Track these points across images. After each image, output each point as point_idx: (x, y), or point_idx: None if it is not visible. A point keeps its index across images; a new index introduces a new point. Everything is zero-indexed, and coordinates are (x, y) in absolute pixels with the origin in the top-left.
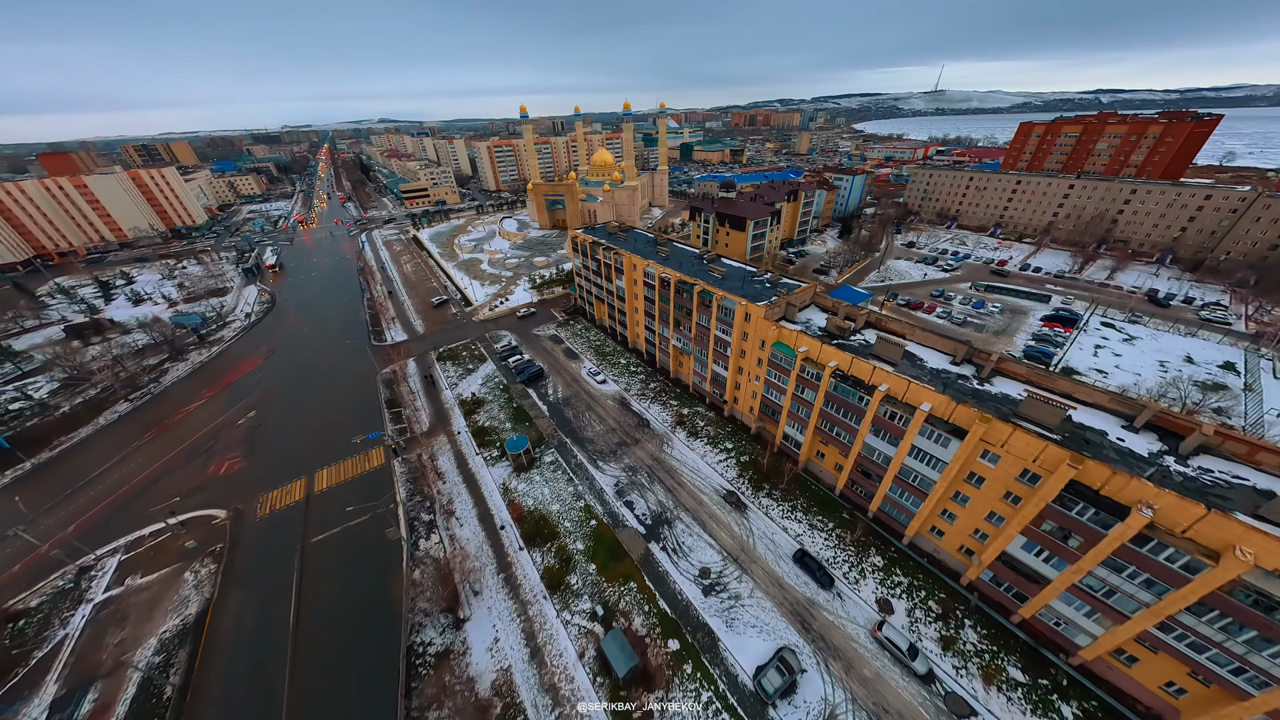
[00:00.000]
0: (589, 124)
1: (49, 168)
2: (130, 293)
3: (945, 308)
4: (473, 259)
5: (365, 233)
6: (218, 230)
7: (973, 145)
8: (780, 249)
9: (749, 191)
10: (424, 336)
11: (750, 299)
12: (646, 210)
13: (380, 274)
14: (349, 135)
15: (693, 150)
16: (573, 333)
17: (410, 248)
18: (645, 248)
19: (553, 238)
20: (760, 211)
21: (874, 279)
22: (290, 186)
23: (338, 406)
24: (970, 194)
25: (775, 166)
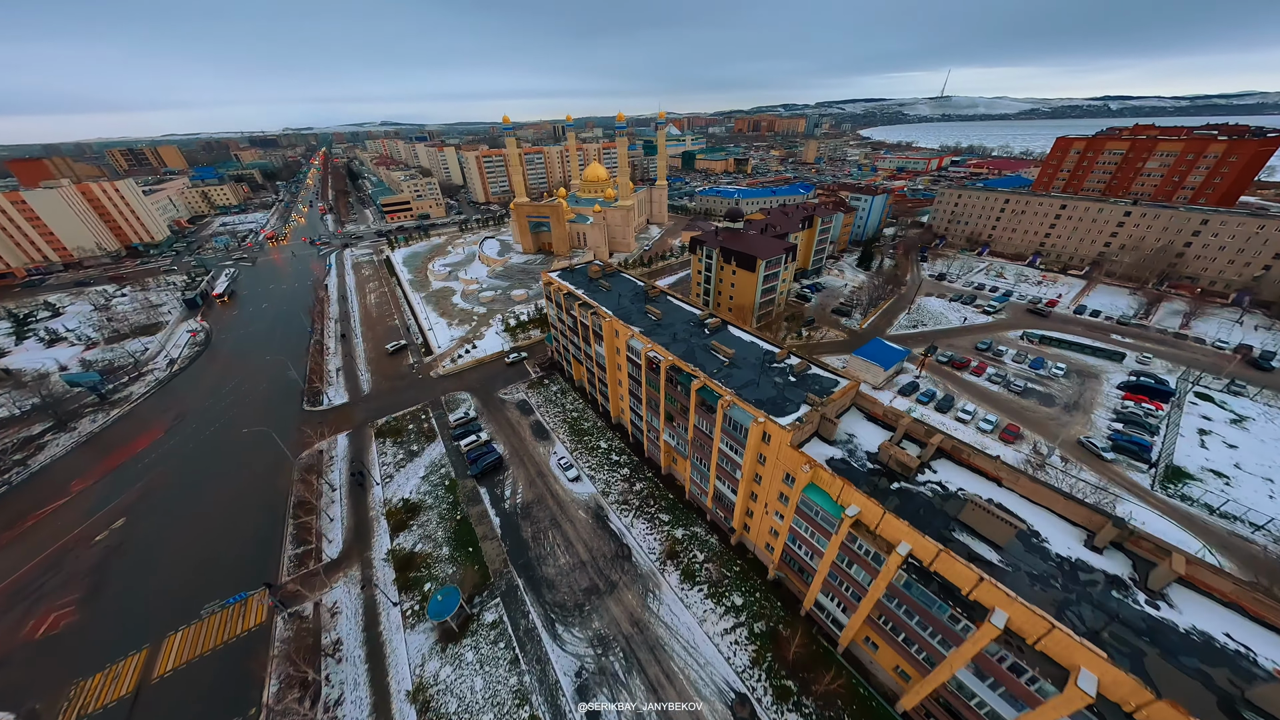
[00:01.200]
0: (590, 128)
1: (20, 176)
2: (46, 331)
3: (997, 367)
4: (445, 289)
5: (337, 251)
6: (179, 248)
7: (988, 155)
8: (793, 279)
9: (758, 219)
10: (368, 398)
11: (770, 407)
12: (644, 229)
13: (339, 306)
14: (347, 139)
15: (695, 159)
16: (546, 397)
17: (380, 272)
18: (632, 303)
19: (536, 264)
20: (773, 248)
21: (904, 323)
22: (274, 195)
23: (234, 514)
24: (1006, 218)
25: (782, 178)
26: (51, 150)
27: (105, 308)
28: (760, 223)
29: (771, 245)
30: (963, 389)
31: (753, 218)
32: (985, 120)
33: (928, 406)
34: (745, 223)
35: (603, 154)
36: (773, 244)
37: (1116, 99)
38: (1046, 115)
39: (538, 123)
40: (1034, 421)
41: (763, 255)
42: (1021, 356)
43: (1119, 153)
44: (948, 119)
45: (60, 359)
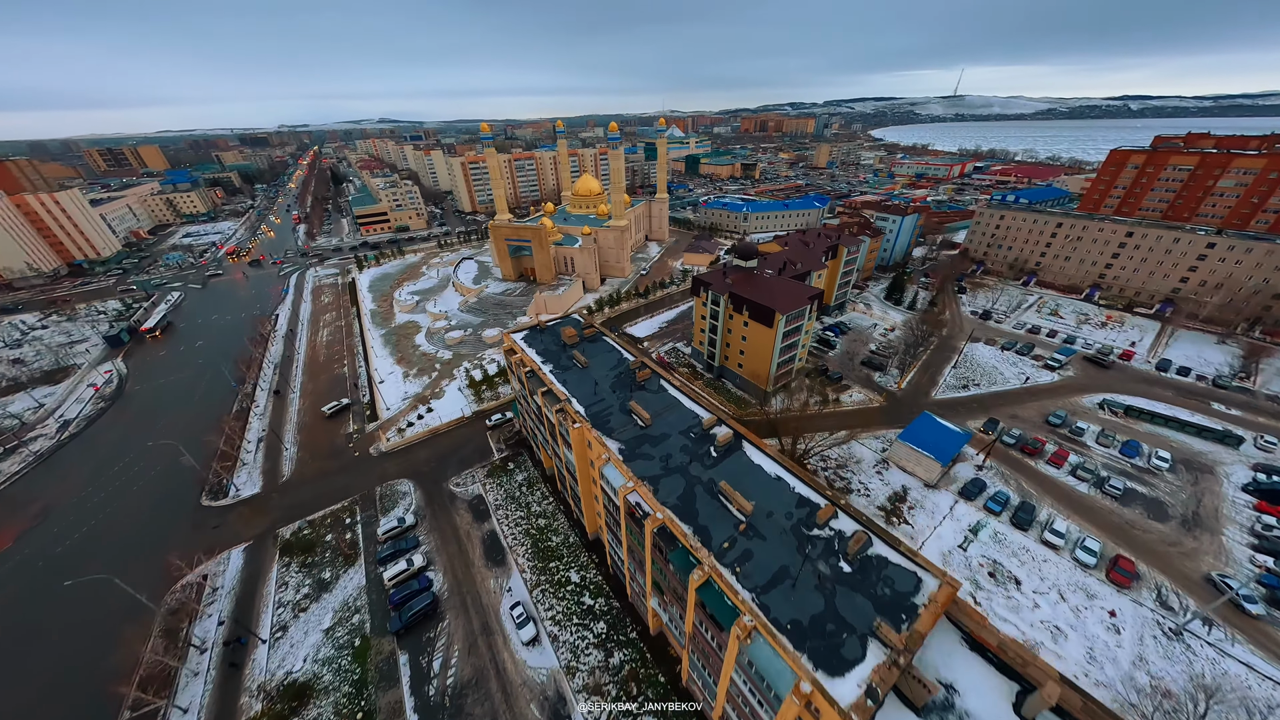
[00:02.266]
0: (590, 127)
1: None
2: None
3: (1079, 453)
4: (409, 324)
5: (301, 271)
6: (129, 264)
7: (1011, 160)
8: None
9: (773, 251)
10: (287, 486)
11: (817, 642)
12: (641, 246)
13: (284, 343)
14: (341, 137)
15: (699, 163)
16: (508, 491)
17: (341, 299)
18: (614, 391)
19: (515, 296)
20: (794, 297)
21: (951, 381)
22: (250, 201)
23: (49, 701)
24: (1059, 244)
25: (792, 185)
26: (38, 148)
27: (19, 343)
28: (777, 256)
29: (792, 293)
30: (1041, 487)
31: (767, 249)
32: (1001, 120)
33: (1000, 518)
34: (761, 258)
35: (599, 160)
36: (794, 291)
37: (1136, 98)
38: (1064, 115)
39: (537, 121)
40: (1146, 547)
41: (783, 309)
42: (1109, 437)
43: (1186, 168)
44: (961, 119)
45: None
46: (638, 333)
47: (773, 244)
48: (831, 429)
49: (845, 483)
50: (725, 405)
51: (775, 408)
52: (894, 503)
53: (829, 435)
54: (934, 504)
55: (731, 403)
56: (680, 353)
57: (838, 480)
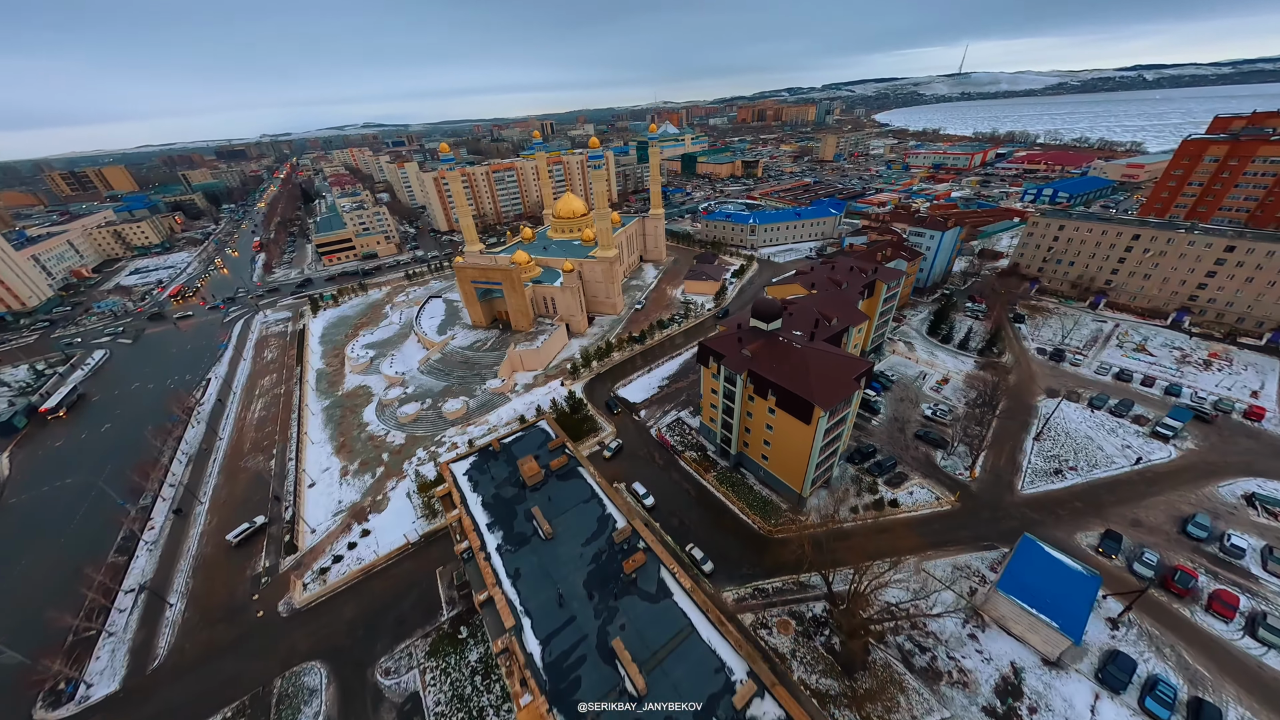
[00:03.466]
0: (580, 123)
1: None
2: None
3: (1252, 592)
4: (360, 390)
5: (249, 315)
6: (57, 315)
7: (1032, 143)
8: None
9: (798, 295)
10: (155, 679)
11: None
12: (636, 269)
13: (207, 423)
14: (322, 145)
15: (696, 162)
16: (454, 686)
17: (288, 355)
18: (590, 598)
19: (486, 348)
20: (837, 382)
21: (1038, 464)
22: (214, 224)
23: None
24: (1134, 259)
25: (800, 184)
26: (9, 171)
27: None
28: (804, 307)
29: (834, 374)
30: (1214, 662)
31: (788, 290)
32: (1010, 98)
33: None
34: (785, 311)
35: (585, 169)
36: (835, 371)
37: (1150, 68)
38: (1076, 89)
39: (524, 120)
40: None
41: (824, 401)
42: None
43: (1278, 160)
44: (968, 98)
45: None
46: (632, 395)
47: (794, 284)
48: (892, 552)
49: (929, 657)
50: (750, 514)
51: (814, 515)
52: (1005, 699)
53: (890, 566)
54: (1064, 699)
55: (756, 509)
56: (686, 427)
57: (917, 654)
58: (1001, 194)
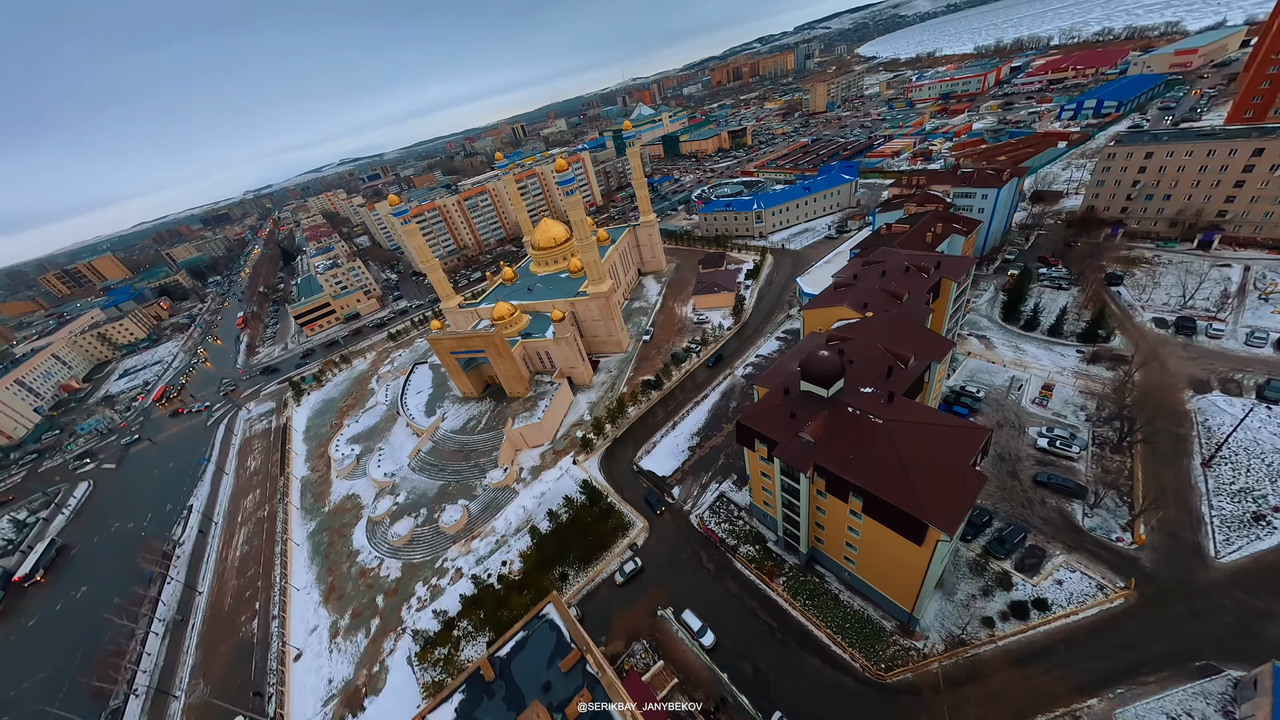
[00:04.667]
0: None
1: None
2: None
3: None
4: (348, 502)
5: (233, 413)
6: (46, 442)
7: (1046, 48)
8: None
9: (849, 319)
10: None
11: None
12: (636, 288)
13: (187, 570)
14: (300, 193)
15: (679, 142)
16: None
17: (271, 461)
18: None
19: (481, 429)
20: (959, 480)
21: (1226, 509)
22: (201, 302)
23: None
24: (1258, 178)
25: (797, 146)
26: (15, 276)
27: None
28: (863, 336)
29: (947, 463)
30: None
31: (834, 316)
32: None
33: None
34: (840, 354)
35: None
36: (947, 455)
37: None
38: None
39: (495, 126)
40: None
41: (944, 520)
42: None
43: None
44: (955, 9)
45: None
46: (659, 464)
47: (837, 306)
48: (1060, 698)
49: None
50: (845, 646)
51: (933, 637)
52: None
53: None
54: None
55: (853, 636)
56: (733, 507)
57: None
58: (1032, 116)
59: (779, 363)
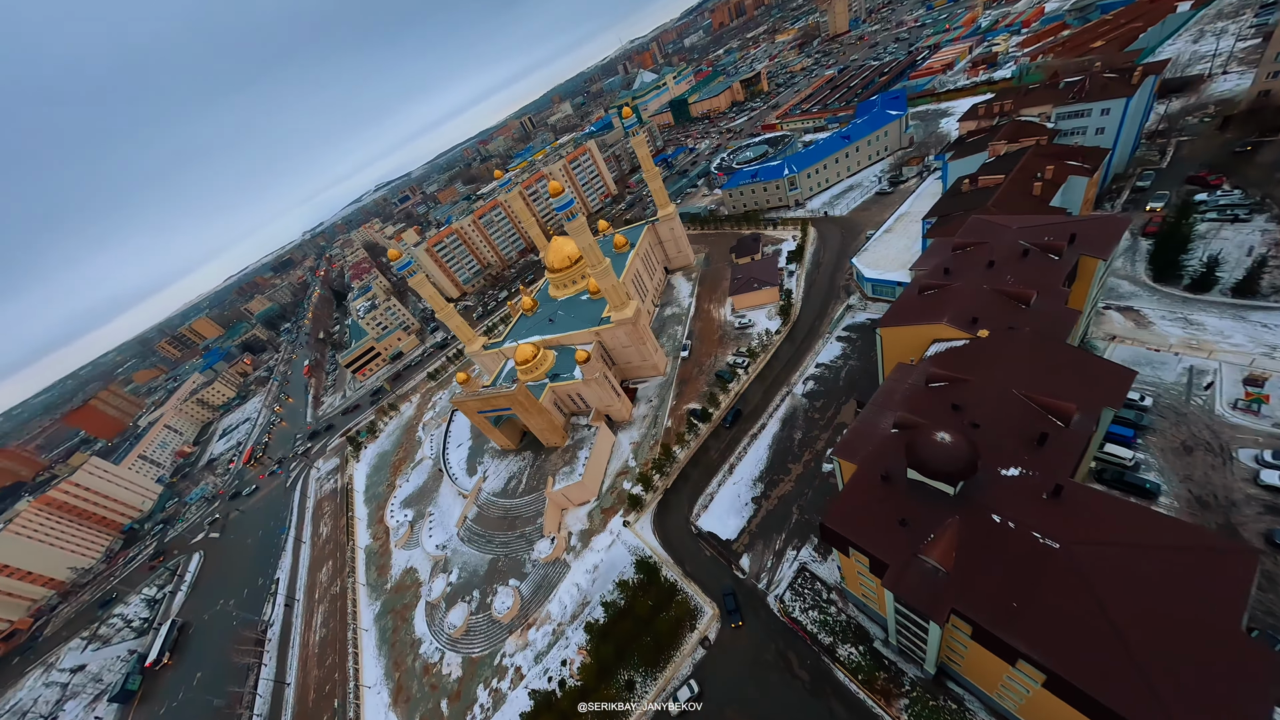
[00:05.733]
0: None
1: (79, 425)
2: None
3: None
4: (407, 578)
5: (305, 471)
6: (170, 510)
7: None
8: None
9: (952, 344)
10: None
11: None
12: (665, 290)
13: (276, 656)
14: (345, 225)
15: (688, 105)
16: None
17: (340, 525)
18: None
19: (522, 489)
20: (1232, 690)
21: None
22: (276, 353)
23: None
24: None
25: (823, 81)
26: (145, 344)
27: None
28: (993, 382)
29: (1201, 662)
30: None
31: (929, 336)
32: None
33: None
34: (924, 376)
35: (571, 172)
36: (1203, 653)
37: None
38: None
39: (504, 125)
40: None
41: None
42: None
43: None
44: None
45: None
46: (720, 525)
47: (933, 323)
48: None
49: None
50: None
51: None
52: None
53: None
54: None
55: None
56: (820, 586)
57: None
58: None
59: (863, 420)
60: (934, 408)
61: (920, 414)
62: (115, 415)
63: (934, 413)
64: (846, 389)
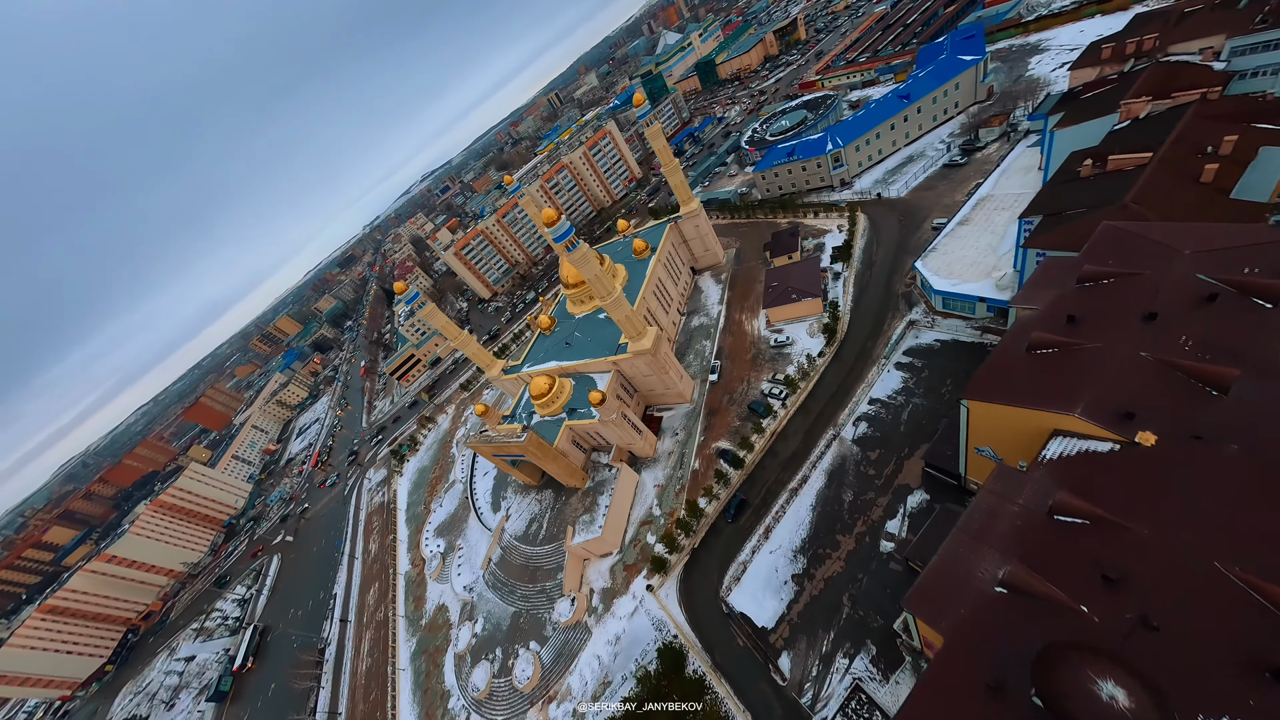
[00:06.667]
0: (583, 75)
1: (195, 419)
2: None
3: None
4: (439, 617)
5: (359, 481)
6: (259, 509)
7: None
8: None
9: (1084, 444)
10: None
11: None
12: (691, 293)
13: (330, 682)
14: (396, 219)
15: (715, 66)
16: None
17: (386, 543)
18: None
19: (543, 539)
20: None
21: None
22: (340, 352)
23: None
24: None
25: (873, 21)
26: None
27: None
28: (1166, 529)
29: None
30: None
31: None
32: None
33: None
34: (1048, 507)
35: (591, 159)
36: None
37: None
38: None
39: (533, 103)
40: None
41: None
42: None
43: None
44: None
45: None
46: (755, 605)
47: (1063, 420)
48: None
49: None
50: None
51: None
52: None
53: None
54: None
55: None
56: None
57: None
58: None
59: (947, 554)
60: (1066, 565)
61: (1044, 569)
62: (221, 410)
63: (1067, 573)
64: (908, 437)
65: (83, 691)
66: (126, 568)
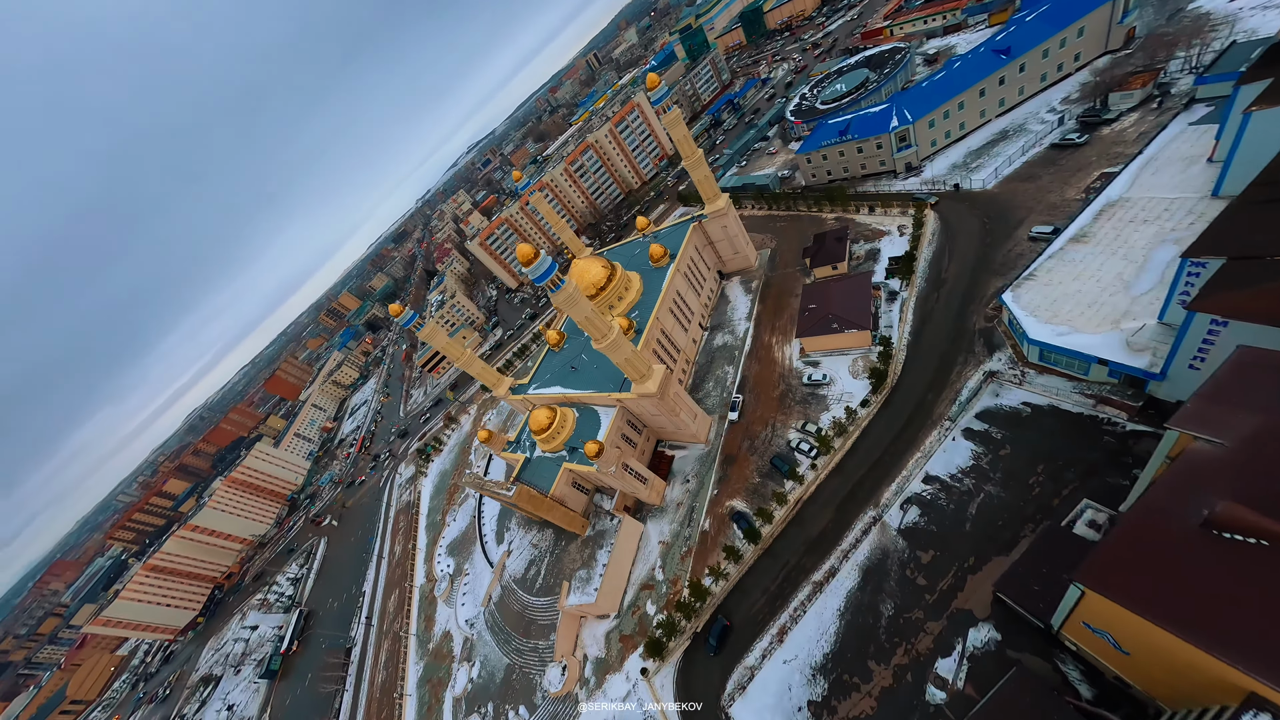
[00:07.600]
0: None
1: (273, 390)
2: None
3: None
4: (443, 646)
5: (391, 476)
6: (314, 487)
7: None
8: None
9: None
10: None
11: None
12: (717, 302)
13: (350, 700)
14: (443, 192)
15: (762, 15)
16: None
17: (408, 546)
18: None
19: (539, 589)
20: None
21: None
22: (388, 334)
23: None
24: None
25: None
26: (319, 308)
27: (247, 632)
28: None
29: None
30: None
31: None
32: None
33: None
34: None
35: (618, 137)
36: None
37: None
38: None
39: (571, 66)
40: None
41: None
42: None
43: None
44: None
45: None
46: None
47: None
48: None
49: None
50: None
51: None
52: None
53: None
54: None
55: None
56: None
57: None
58: None
59: None
60: None
61: None
62: (294, 382)
63: None
64: (976, 541)
65: (182, 638)
66: (208, 535)
